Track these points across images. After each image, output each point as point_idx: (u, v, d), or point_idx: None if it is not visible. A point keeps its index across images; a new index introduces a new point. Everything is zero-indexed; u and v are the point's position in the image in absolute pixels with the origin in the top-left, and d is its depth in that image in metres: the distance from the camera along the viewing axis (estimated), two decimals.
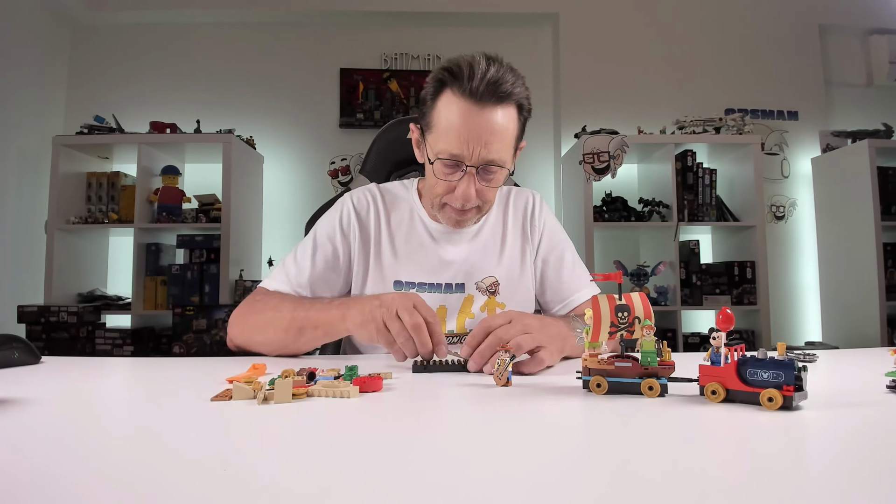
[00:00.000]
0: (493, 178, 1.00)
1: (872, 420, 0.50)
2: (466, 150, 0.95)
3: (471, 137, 0.94)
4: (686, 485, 0.35)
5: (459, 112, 0.95)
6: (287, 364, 0.85)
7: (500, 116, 0.96)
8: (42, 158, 2.92)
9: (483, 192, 1.01)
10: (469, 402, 0.61)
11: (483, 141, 0.95)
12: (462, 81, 0.94)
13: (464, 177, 0.98)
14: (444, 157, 0.97)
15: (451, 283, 1.10)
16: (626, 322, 0.61)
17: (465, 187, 0.98)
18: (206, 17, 3.33)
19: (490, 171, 0.99)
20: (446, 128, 0.96)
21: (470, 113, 0.94)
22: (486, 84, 0.93)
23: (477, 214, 1.06)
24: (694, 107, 3.20)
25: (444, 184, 1.00)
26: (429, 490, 0.34)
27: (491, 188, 1.02)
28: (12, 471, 0.38)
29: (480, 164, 0.97)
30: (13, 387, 0.68)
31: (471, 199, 1.00)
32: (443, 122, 0.97)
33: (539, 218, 1.18)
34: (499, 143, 0.96)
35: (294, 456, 0.42)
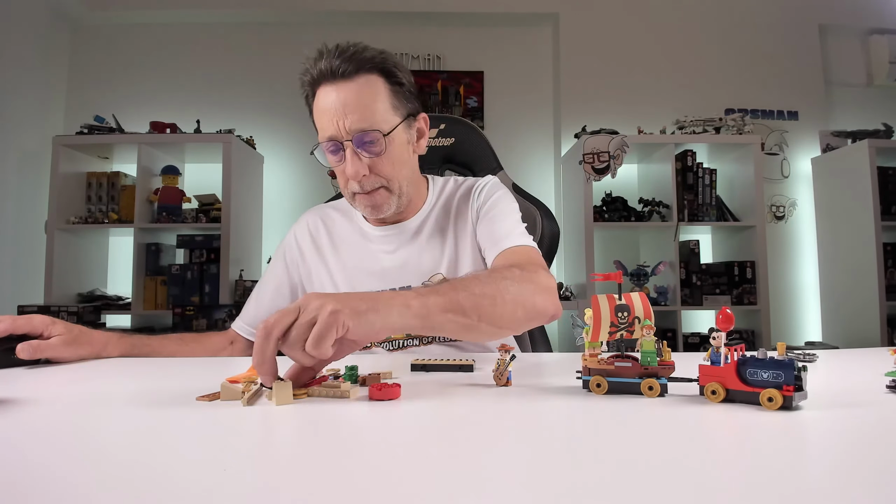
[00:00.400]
0: (374, 147, 0.96)
1: (872, 420, 0.50)
2: (335, 128, 0.95)
3: (334, 114, 0.95)
4: (686, 484, 0.35)
5: (321, 97, 0.97)
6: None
7: (357, 85, 0.95)
8: (42, 158, 2.93)
9: (375, 165, 0.98)
10: (468, 401, 0.61)
11: (345, 113, 0.94)
12: (314, 74, 0.96)
13: (345, 154, 0.97)
14: (323, 142, 0.98)
15: (398, 287, 1.06)
16: (626, 322, 0.61)
17: (350, 163, 0.96)
18: (206, 17, 3.33)
19: (367, 140, 0.96)
20: (318, 117, 0.98)
21: (327, 93, 0.96)
22: (331, 62, 0.94)
23: (390, 195, 1.02)
24: (694, 107, 3.20)
25: (339, 171, 1.00)
26: (429, 490, 0.34)
27: (382, 161, 0.98)
28: (12, 471, 0.38)
29: (353, 136, 0.95)
30: (13, 387, 0.68)
31: (358, 175, 0.97)
32: (317, 116, 0.99)
33: (481, 192, 1.11)
34: (363, 111, 0.95)
35: (294, 456, 0.42)
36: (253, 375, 0.68)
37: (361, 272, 1.09)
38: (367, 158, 0.97)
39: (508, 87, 3.42)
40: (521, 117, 3.41)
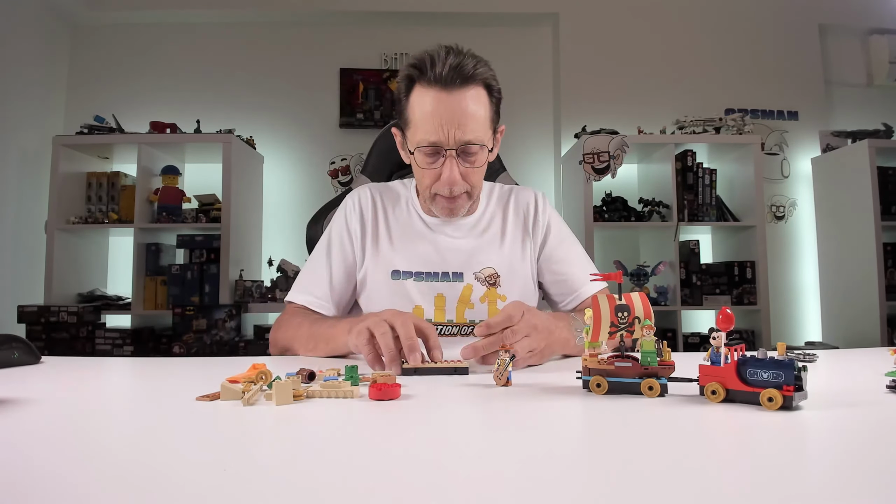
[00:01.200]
0: (474, 158, 1.03)
1: (872, 420, 0.50)
2: (442, 134, 0.99)
3: (444, 121, 0.98)
4: (686, 484, 0.35)
5: (430, 100, 0.99)
6: (292, 364, 0.85)
7: (469, 97, 1.00)
8: (42, 158, 2.93)
9: (468, 174, 1.04)
10: (468, 402, 0.61)
11: (456, 122, 0.98)
12: (427, 72, 0.99)
13: (445, 161, 1.01)
14: (423, 145, 1.01)
15: (447, 271, 1.11)
16: (626, 322, 0.61)
17: (449, 171, 1.01)
18: (206, 17, 3.33)
19: (469, 151, 1.02)
20: (421, 118, 1.00)
21: (440, 99, 0.99)
22: (449, 69, 0.98)
23: (468, 201, 1.09)
24: (694, 107, 3.20)
25: (430, 173, 1.04)
26: (429, 490, 0.34)
27: (475, 170, 1.04)
28: (12, 471, 0.38)
29: (458, 146, 1.00)
30: (13, 387, 0.68)
31: (456, 183, 1.02)
32: (417, 114, 1.01)
33: (542, 214, 1.19)
34: (473, 123, 1.00)
35: (294, 456, 0.42)
36: (252, 375, 0.68)
37: (409, 251, 1.12)
38: (464, 167, 1.02)
39: (508, 87, 3.35)
40: (521, 117, 3.40)
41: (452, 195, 1.05)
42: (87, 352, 2.65)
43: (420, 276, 1.10)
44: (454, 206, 1.07)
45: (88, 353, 2.65)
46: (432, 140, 0.99)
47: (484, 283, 1.11)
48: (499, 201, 1.20)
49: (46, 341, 2.61)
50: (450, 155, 1.00)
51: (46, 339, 2.62)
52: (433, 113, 0.98)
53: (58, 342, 2.62)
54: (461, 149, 1.01)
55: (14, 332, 0.88)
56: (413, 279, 1.10)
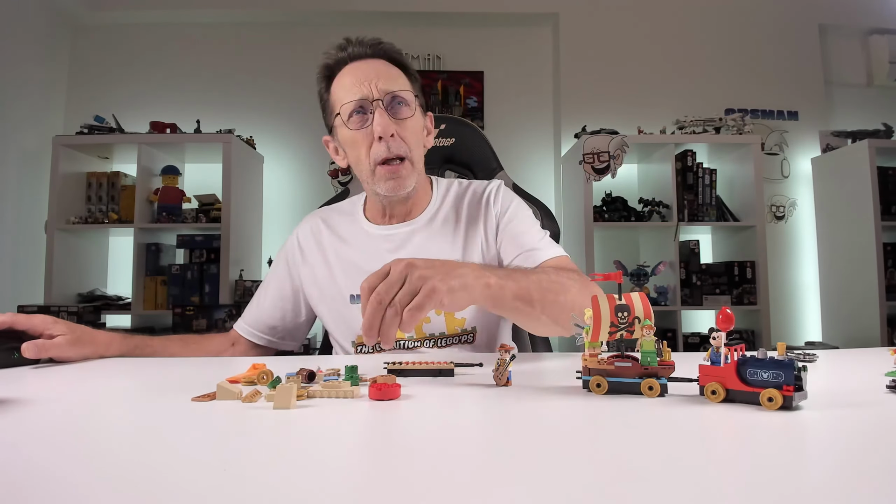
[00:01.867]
0: (406, 109, 1.00)
1: (872, 420, 0.50)
2: (365, 88, 0.97)
3: (365, 78, 0.98)
4: (686, 484, 0.35)
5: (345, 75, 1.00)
6: (290, 365, 0.85)
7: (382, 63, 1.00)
8: (42, 158, 2.93)
9: (401, 131, 0.98)
10: (468, 402, 0.61)
11: (376, 76, 0.98)
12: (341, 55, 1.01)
13: (374, 116, 0.97)
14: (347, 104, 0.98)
15: None
16: (625, 322, 0.61)
17: (379, 121, 0.96)
18: (206, 17, 3.33)
19: (398, 100, 0.99)
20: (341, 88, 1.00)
21: (354, 68, 1.00)
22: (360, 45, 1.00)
23: (412, 170, 1.02)
24: (694, 107, 3.20)
25: (363, 138, 0.99)
26: (429, 490, 0.34)
27: (407, 128, 1.00)
28: (12, 471, 0.38)
29: (384, 95, 0.97)
30: (13, 387, 0.68)
31: (388, 131, 0.96)
32: (338, 92, 1.01)
33: (495, 199, 1.11)
34: (395, 79, 1.00)
35: (294, 456, 0.42)
36: (252, 376, 0.68)
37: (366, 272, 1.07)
38: (395, 120, 0.98)
39: (508, 87, 3.42)
40: (521, 117, 3.40)
41: (391, 153, 0.98)
42: None
43: None
44: (397, 174, 0.99)
45: None
46: (356, 97, 0.97)
47: None
48: (456, 196, 1.13)
49: None
50: (377, 106, 0.96)
51: None
52: (353, 76, 0.98)
53: None
54: (388, 100, 0.97)
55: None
56: None
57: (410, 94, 1.01)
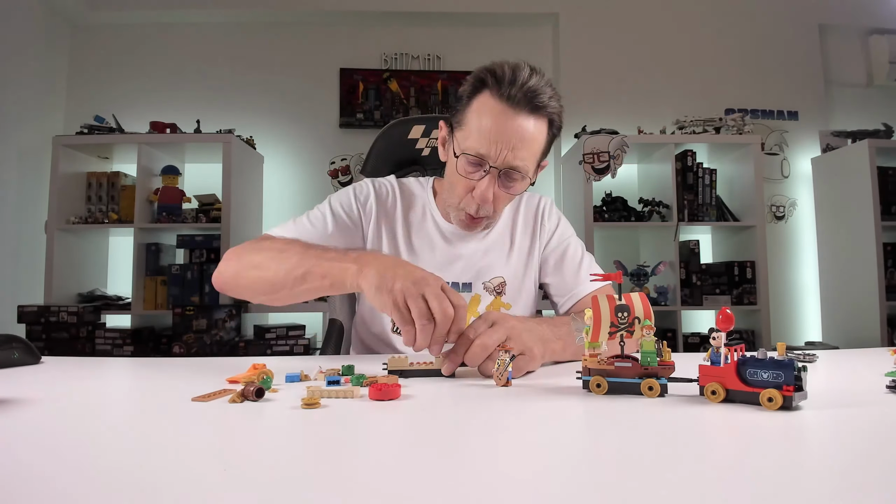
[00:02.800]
0: (514, 185, 1.00)
1: (872, 420, 0.50)
2: (494, 150, 0.95)
3: (500, 139, 0.95)
4: (686, 484, 0.35)
5: (493, 113, 0.95)
6: (290, 365, 0.85)
7: (531, 125, 0.96)
8: (42, 158, 2.93)
9: (500, 198, 1.01)
10: (468, 402, 0.61)
11: (511, 145, 0.95)
12: (502, 84, 0.95)
13: (485, 177, 0.98)
14: (470, 153, 0.97)
15: (458, 281, 1.11)
16: (625, 322, 0.61)
17: (485, 188, 0.97)
18: (205, 17, 3.33)
19: (511, 177, 0.99)
20: (477, 126, 0.96)
21: (504, 116, 0.95)
22: (524, 91, 0.95)
23: (487, 222, 1.07)
24: (694, 107, 3.20)
25: (464, 183, 1.00)
26: (429, 490, 0.34)
27: (508, 196, 1.02)
28: (12, 471, 0.38)
29: (504, 168, 0.97)
30: (13, 387, 0.68)
31: (487, 202, 0.99)
32: (474, 121, 0.97)
33: (549, 218, 1.19)
34: (525, 151, 0.97)
35: (294, 456, 0.42)
36: (252, 375, 0.68)
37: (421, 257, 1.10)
38: (499, 190, 0.99)
39: None
40: None
41: (477, 214, 1.02)
42: (87, 352, 2.65)
43: None
44: (473, 225, 1.05)
45: (88, 353, 2.65)
46: (481, 152, 0.96)
47: (492, 293, 1.11)
48: (508, 209, 1.19)
49: (46, 341, 2.61)
50: (492, 173, 0.97)
51: (46, 339, 2.62)
52: (492, 127, 0.95)
53: (58, 342, 2.62)
54: (504, 171, 0.97)
55: (14, 332, 0.88)
56: None
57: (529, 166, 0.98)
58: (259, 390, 0.59)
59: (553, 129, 1.01)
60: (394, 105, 3.32)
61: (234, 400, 0.58)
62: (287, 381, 0.70)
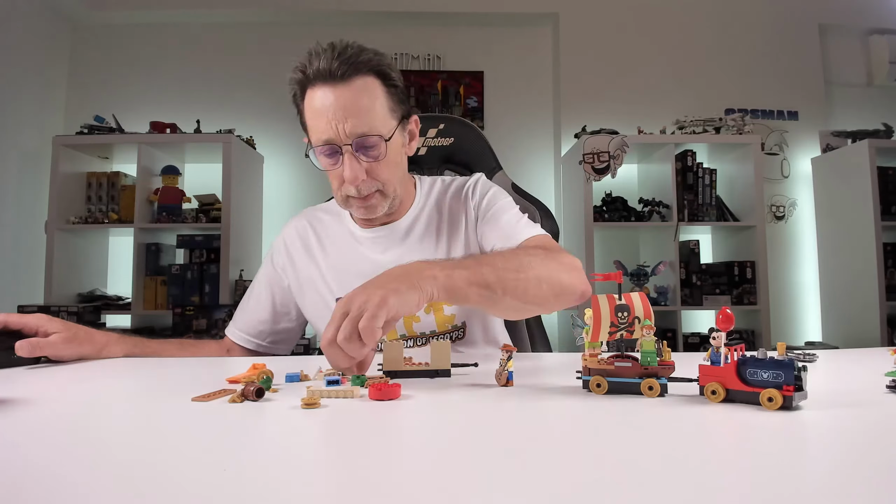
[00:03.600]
0: (374, 151, 0.95)
1: (872, 420, 0.50)
2: (333, 130, 0.93)
3: (333, 117, 0.92)
4: (686, 484, 0.35)
5: (317, 98, 0.94)
6: (290, 365, 0.85)
7: (356, 88, 0.93)
8: (42, 158, 2.92)
9: (373, 170, 0.96)
10: (468, 402, 0.61)
11: (344, 116, 0.92)
12: (308, 70, 0.94)
13: (343, 158, 0.95)
14: (318, 145, 0.95)
15: None
16: (625, 322, 0.61)
17: (349, 168, 0.94)
18: (206, 17, 3.33)
19: (367, 144, 0.94)
20: (312, 118, 0.95)
21: (325, 95, 0.93)
22: (329, 62, 0.92)
23: (384, 199, 1.01)
24: (694, 107, 3.20)
25: (335, 175, 0.98)
26: (429, 490, 0.34)
27: (379, 164, 0.97)
28: (12, 471, 0.38)
29: (352, 140, 0.93)
30: (13, 387, 0.68)
31: (358, 179, 0.95)
32: (309, 116, 0.96)
33: (473, 191, 1.12)
34: (364, 115, 0.93)
35: (294, 456, 0.42)
36: (252, 375, 0.68)
37: (352, 274, 1.05)
38: (365, 162, 0.95)
39: (508, 87, 3.42)
40: (521, 117, 3.40)
41: (361, 194, 0.97)
42: None
43: None
44: (368, 205, 1.00)
45: None
46: (326, 138, 0.93)
47: None
48: (438, 196, 1.13)
49: None
50: (346, 151, 0.94)
51: None
52: (321, 110, 0.93)
53: None
54: (357, 143, 0.93)
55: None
56: None
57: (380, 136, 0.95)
58: (259, 390, 0.59)
59: (389, 81, 0.97)
60: None
61: (234, 400, 0.58)
62: (287, 381, 0.70)
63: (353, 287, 0.93)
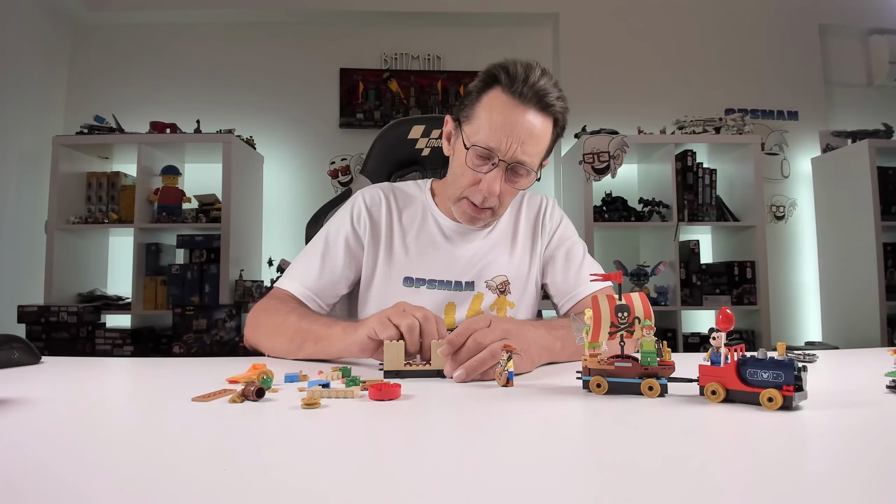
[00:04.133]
0: (520, 180, 1.03)
1: (872, 420, 0.50)
2: (503, 144, 0.98)
3: (510, 133, 0.98)
4: (686, 484, 0.35)
5: (504, 108, 0.98)
6: (291, 365, 0.85)
7: (539, 123, 1.00)
8: (42, 158, 2.92)
9: (505, 192, 1.03)
10: (468, 402, 0.61)
11: (520, 139, 0.98)
12: (515, 82, 0.98)
13: (493, 170, 1.00)
14: (480, 146, 0.99)
15: (460, 280, 1.11)
16: (626, 322, 0.61)
17: (492, 181, 1.00)
18: (206, 17, 3.33)
19: (518, 171, 1.01)
20: (487, 120, 0.99)
21: (514, 111, 0.98)
22: (535, 90, 0.98)
23: (491, 217, 1.08)
24: (694, 107, 3.19)
25: (471, 175, 1.02)
26: (429, 490, 0.34)
27: (513, 190, 1.04)
28: (12, 470, 0.38)
29: (511, 162, 0.99)
30: (13, 387, 0.68)
31: (493, 194, 1.01)
32: (484, 115, 1.00)
33: (550, 218, 1.20)
34: (533, 147, 1.00)
35: (294, 456, 0.42)
36: (252, 375, 0.68)
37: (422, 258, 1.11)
38: (505, 184, 1.01)
39: None
40: None
41: (482, 206, 1.03)
42: (87, 352, 2.65)
43: (433, 283, 1.10)
44: (478, 216, 1.06)
45: (88, 353, 2.65)
46: (491, 145, 0.98)
47: (495, 291, 1.12)
48: (511, 207, 1.19)
49: (46, 341, 2.61)
50: (500, 166, 1.00)
51: (46, 339, 2.62)
52: (503, 121, 0.98)
53: (58, 342, 2.62)
54: (512, 166, 1.00)
55: (14, 332, 0.88)
56: (426, 287, 1.09)
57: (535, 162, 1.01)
58: (259, 390, 0.59)
59: (557, 128, 1.04)
60: (394, 105, 3.32)
61: (234, 400, 0.58)
62: (286, 382, 0.70)
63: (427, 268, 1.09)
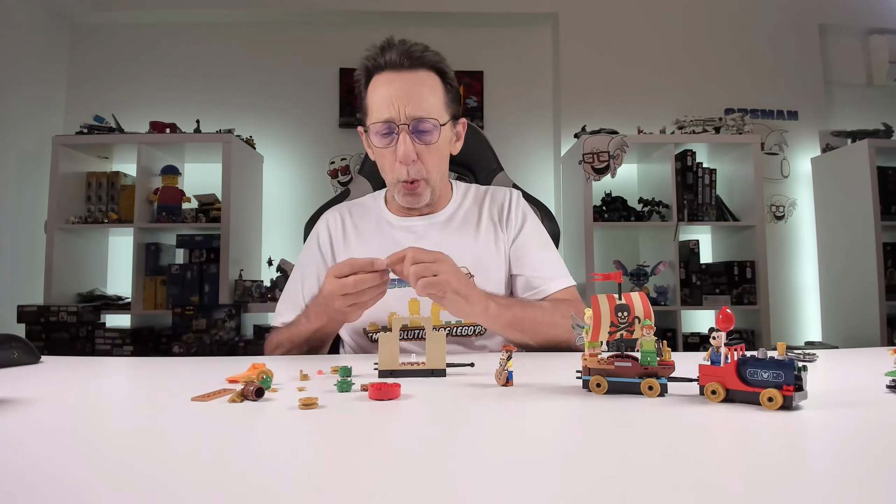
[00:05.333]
0: (427, 136, 1.05)
1: (872, 420, 0.50)
2: (394, 110, 1.02)
3: (395, 98, 1.02)
4: (686, 484, 0.35)
5: (382, 83, 1.05)
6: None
7: (419, 78, 1.05)
8: (42, 158, 2.92)
9: (424, 154, 1.05)
10: (468, 401, 0.61)
11: (406, 100, 1.02)
12: (377, 58, 1.05)
13: (398, 138, 1.03)
14: (376, 123, 1.04)
15: None
16: (625, 322, 0.61)
17: (403, 146, 1.03)
18: (206, 17, 3.33)
19: (422, 128, 1.04)
20: (374, 100, 1.05)
21: (391, 79, 1.04)
22: (398, 54, 1.04)
23: (428, 188, 1.10)
24: (694, 107, 3.19)
25: (387, 156, 1.06)
26: (429, 490, 0.34)
27: (429, 151, 1.06)
28: (12, 471, 0.38)
29: (410, 121, 1.02)
30: (13, 387, 0.68)
31: (409, 157, 1.03)
32: (372, 99, 1.06)
33: (515, 213, 1.19)
34: (423, 102, 1.04)
35: (294, 456, 0.42)
36: (252, 375, 0.68)
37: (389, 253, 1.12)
38: (418, 145, 1.04)
39: (508, 87, 3.42)
40: (520, 117, 3.40)
41: (410, 177, 1.06)
42: (87, 352, 2.65)
43: (393, 283, 1.07)
44: (414, 191, 1.09)
45: (88, 353, 2.65)
46: (386, 117, 1.03)
47: None
48: (474, 199, 1.22)
49: (46, 341, 2.61)
50: (402, 130, 1.03)
51: (46, 339, 2.62)
52: (385, 93, 1.03)
53: (57, 342, 2.62)
54: (413, 125, 1.03)
55: (14, 332, 0.88)
56: (395, 286, 1.08)
57: (436, 120, 1.05)
58: (259, 390, 0.59)
59: (447, 80, 1.09)
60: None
61: (233, 400, 0.58)
62: None
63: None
